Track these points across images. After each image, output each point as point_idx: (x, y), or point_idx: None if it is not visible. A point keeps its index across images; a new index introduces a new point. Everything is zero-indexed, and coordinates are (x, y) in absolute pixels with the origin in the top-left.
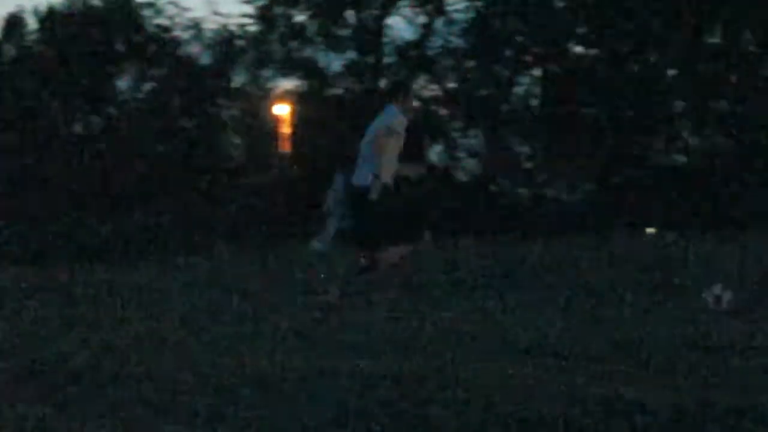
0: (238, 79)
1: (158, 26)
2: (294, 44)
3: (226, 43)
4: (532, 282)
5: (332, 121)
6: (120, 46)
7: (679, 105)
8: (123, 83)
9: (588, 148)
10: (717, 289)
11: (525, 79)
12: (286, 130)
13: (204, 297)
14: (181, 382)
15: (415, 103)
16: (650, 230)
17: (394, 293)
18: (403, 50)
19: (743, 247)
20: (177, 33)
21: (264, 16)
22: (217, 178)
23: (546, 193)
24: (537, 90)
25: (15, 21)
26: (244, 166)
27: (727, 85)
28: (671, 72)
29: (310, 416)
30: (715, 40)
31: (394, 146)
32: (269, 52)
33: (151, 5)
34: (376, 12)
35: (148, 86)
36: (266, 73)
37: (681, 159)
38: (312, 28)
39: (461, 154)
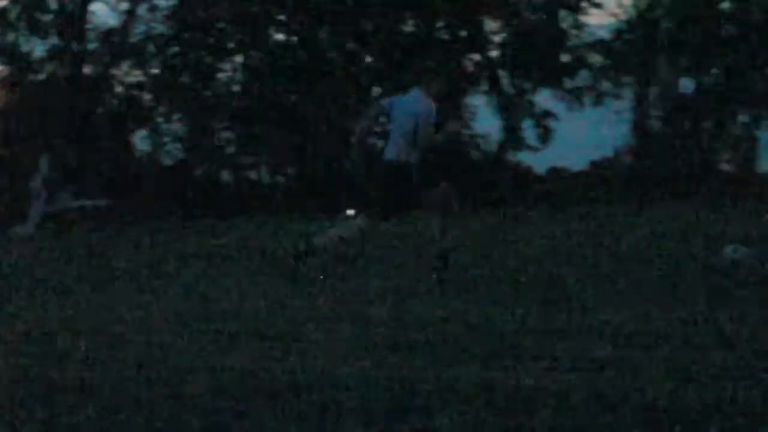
0: None
1: None
2: None
3: None
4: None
5: (35, 106)
6: None
7: (377, 91)
8: None
9: (289, 133)
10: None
11: (227, 66)
12: None
13: None
14: None
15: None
16: (350, 212)
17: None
18: (107, 36)
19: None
20: None
21: None
22: None
23: (248, 176)
24: (239, 76)
25: None
26: None
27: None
28: (369, 60)
29: None
30: (411, 28)
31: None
32: None
33: None
34: None
35: None
36: None
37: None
38: (14, 13)
39: (166, 139)
